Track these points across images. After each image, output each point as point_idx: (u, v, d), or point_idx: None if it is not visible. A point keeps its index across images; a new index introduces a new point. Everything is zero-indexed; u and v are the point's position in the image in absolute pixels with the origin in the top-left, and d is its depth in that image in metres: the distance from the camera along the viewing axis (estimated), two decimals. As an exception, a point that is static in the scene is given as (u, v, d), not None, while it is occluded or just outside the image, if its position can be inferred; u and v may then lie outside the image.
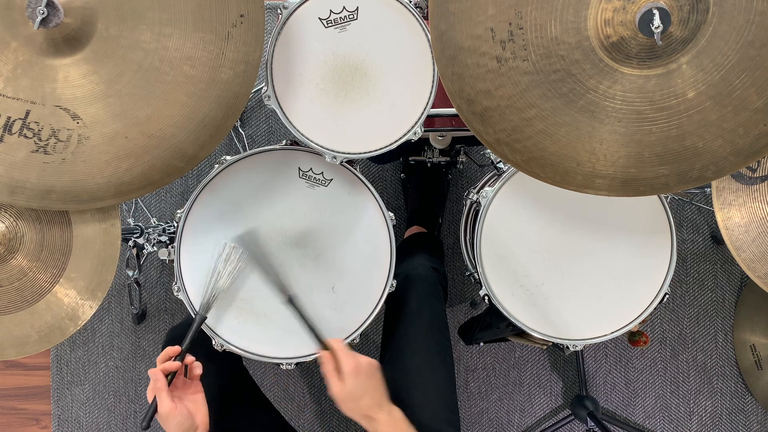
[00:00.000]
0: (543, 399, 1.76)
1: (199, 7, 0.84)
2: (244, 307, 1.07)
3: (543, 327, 1.08)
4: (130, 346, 1.78)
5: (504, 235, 1.07)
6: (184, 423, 0.88)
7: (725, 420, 1.75)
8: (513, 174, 1.06)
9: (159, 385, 0.87)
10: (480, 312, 1.39)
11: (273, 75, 0.99)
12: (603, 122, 0.82)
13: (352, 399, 0.89)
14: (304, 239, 1.08)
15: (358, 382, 0.89)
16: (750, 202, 1.02)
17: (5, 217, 0.97)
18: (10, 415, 1.82)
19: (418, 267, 1.22)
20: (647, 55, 0.77)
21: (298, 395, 1.77)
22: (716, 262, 1.74)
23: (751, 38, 0.75)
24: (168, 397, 0.87)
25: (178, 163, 0.93)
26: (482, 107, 0.84)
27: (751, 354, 1.71)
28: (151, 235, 1.32)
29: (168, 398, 0.87)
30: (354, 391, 0.89)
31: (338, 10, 0.98)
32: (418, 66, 1.00)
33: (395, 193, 1.76)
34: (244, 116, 1.75)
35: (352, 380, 0.89)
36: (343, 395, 0.89)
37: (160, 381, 0.88)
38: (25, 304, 1.00)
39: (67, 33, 0.82)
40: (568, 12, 0.76)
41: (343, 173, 1.08)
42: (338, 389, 0.90)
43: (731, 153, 0.83)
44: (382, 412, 0.90)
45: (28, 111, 0.86)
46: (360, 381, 0.89)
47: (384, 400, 0.91)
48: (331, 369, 0.91)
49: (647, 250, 1.07)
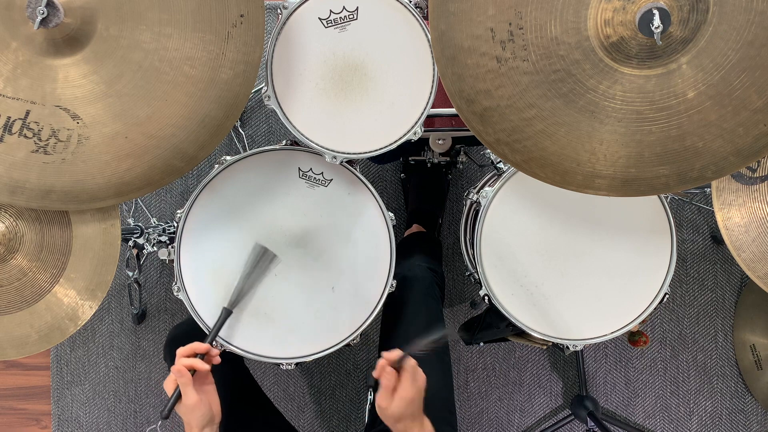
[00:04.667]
0: (543, 399, 1.76)
1: (199, 7, 0.84)
2: (245, 308, 1.07)
3: (543, 327, 1.08)
4: (130, 346, 1.78)
5: (504, 235, 1.07)
6: (207, 414, 0.91)
7: (725, 420, 1.75)
8: (513, 174, 1.06)
9: (185, 380, 0.90)
10: (480, 312, 1.39)
11: (273, 75, 0.99)
12: (603, 122, 0.82)
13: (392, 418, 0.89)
14: (304, 239, 1.08)
15: (407, 408, 0.89)
16: (750, 202, 1.02)
17: (5, 217, 0.97)
18: (10, 415, 1.82)
19: (414, 267, 1.22)
20: (647, 55, 0.77)
21: (298, 395, 1.77)
22: (716, 262, 1.74)
23: (751, 38, 0.75)
24: (194, 391, 0.90)
25: (178, 163, 0.93)
26: (482, 107, 0.84)
27: (751, 354, 1.71)
28: (151, 235, 1.32)
29: (194, 392, 0.90)
30: (399, 414, 0.88)
31: (338, 10, 0.98)
32: (418, 66, 1.00)
33: (395, 193, 1.76)
34: (244, 116, 1.75)
35: (402, 405, 0.88)
36: (387, 413, 0.89)
37: (186, 376, 0.90)
38: (25, 305, 1.00)
39: (67, 33, 0.82)
40: (568, 12, 0.76)
41: (343, 173, 1.08)
42: (385, 405, 0.89)
43: (731, 153, 0.83)
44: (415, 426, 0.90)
45: (28, 111, 0.86)
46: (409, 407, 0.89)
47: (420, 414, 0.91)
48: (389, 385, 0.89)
49: (647, 250, 1.07)
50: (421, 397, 0.91)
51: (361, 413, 1.77)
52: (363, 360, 1.76)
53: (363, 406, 1.77)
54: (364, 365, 1.77)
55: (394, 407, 0.88)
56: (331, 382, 1.77)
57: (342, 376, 1.77)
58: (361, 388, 1.77)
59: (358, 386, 1.77)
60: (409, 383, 0.89)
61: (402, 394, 0.89)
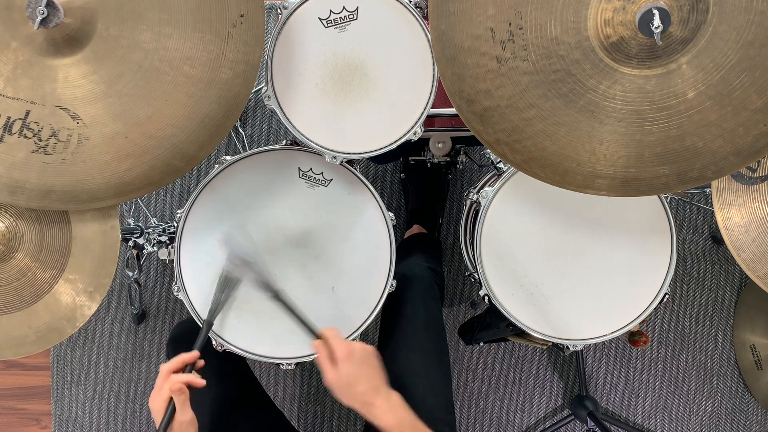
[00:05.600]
0: (543, 399, 1.76)
1: (199, 7, 0.84)
2: (244, 308, 1.07)
3: (543, 327, 1.08)
4: (130, 346, 1.78)
5: (504, 235, 1.07)
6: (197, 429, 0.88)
7: (725, 420, 1.75)
8: (513, 174, 1.06)
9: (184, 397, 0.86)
10: (480, 312, 1.39)
11: (273, 75, 0.99)
12: (603, 122, 0.82)
13: (347, 385, 0.87)
14: (304, 239, 1.08)
15: (353, 368, 0.87)
16: (750, 202, 1.02)
17: (5, 217, 0.97)
18: (10, 415, 1.82)
19: (414, 267, 1.22)
20: (647, 55, 0.77)
21: (298, 395, 1.77)
22: (716, 262, 1.74)
23: (751, 38, 0.75)
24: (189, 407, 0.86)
25: (178, 163, 0.93)
26: (482, 107, 0.84)
27: (751, 354, 1.71)
28: (151, 235, 1.32)
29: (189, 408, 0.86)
30: (348, 378, 0.87)
31: (338, 10, 0.98)
32: (418, 66, 1.00)
33: (395, 193, 1.76)
34: (244, 116, 1.75)
35: (346, 366, 0.87)
36: (338, 382, 0.88)
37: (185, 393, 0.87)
38: (24, 305, 1.00)
39: (67, 33, 0.82)
40: (568, 12, 0.76)
41: (343, 173, 1.08)
42: (332, 376, 0.88)
43: (731, 153, 0.83)
44: (379, 397, 0.88)
45: (28, 111, 0.86)
46: (354, 367, 0.88)
47: (381, 385, 0.90)
48: (324, 356, 0.89)
49: (647, 250, 1.07)
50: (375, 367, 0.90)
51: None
52: (363, 360, 1.76)
53: (363, 406, 1.76)
54: (364, 365, 1.76)
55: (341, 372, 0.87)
56: (331, 382, 1.77)
57: (342, 376, 1.77)
58: (361, 388, 1.77)
59: (358, 386, 1.77)
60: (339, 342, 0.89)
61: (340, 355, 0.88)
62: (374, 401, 0.88)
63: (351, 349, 0.90)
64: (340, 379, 0.88)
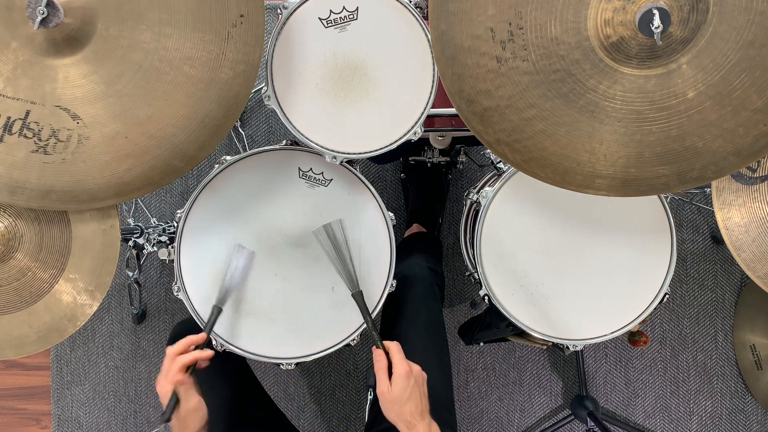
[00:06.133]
0: (543, 399, 1.76)
1: (199, 7, 0.84)
2: (245, 308, 1.07)
3: (543, 327, 1.07)
4: (130, 346, 1.78)
5: (504, 235, 1.07)
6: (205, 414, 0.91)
7: (725, 420, 1.75)
8: (513, 174, 1.06)
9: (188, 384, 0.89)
10: (480, 312, 1.39)
11: (273, 75, 0.99)
12: (603, 122, 0.82)
13: (397, 401, 0.88)
14: (305, 239, 1.08)
15: (407, 387, 0.88)
16: (750, 202, 1.02)
17: (5, 217, 0.97)
18: (10, 415, 1.82)
19: (414, 267, 1.22)
20: (647, 55, 0.77)
21: (298, 395, 1.77)
22: (716, 262, 1.74)
23: (751, 38, 0.75)
24: (196, 392, 0.89)
25: (178, 163, 0.93)
26: (482, 107, 0.84)
27: (751, 354, 1.71)
28: (151, 235, 1.32)
29: (196, 393, 0.89)
30: (401, 395, 0.88)
31: (338, 10, 0.98)
32: (418, 66, 1.00)
33: (395, 193, 1.76)
34: (244, 116, 1.75)
35: (401, 383, 0.88)
36: (389, 396, 0.89)
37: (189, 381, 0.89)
38: (24, 305, 1.00)
39: (67, 33, 0.82)
40: (568, 12, 0.76)
41: (343, 173, 1.08)
42: (386, 389, 0.89)
43: (731, 153, 0.83)
44: (423, 422, 0.89)
45: (28, 111, 0.86)
46: (408, 386, 0.89)
47: (426, 412, 0.91)
48: (382, 367, 0.91)
49: (647, 250, 1.07)
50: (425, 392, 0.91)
51: (361, 413, 1.77)
52: (363, 360, 1.76)
53: (363, 406, 1.77)
54: (364, 365, 1.77)
55: (395, 388, 0.88)
56: (331, 382, 1.77)
57: (342, 376, 1.77)
58: (361, 388, 1.77)
59: (358, 386, 1.77)
60: (401, 359, 0.90)
61: (398, 372, 0.89)
62: (417, 425, 0.88)
63: (410, 369, 0.90)
64: (392, 394, 0.89)
